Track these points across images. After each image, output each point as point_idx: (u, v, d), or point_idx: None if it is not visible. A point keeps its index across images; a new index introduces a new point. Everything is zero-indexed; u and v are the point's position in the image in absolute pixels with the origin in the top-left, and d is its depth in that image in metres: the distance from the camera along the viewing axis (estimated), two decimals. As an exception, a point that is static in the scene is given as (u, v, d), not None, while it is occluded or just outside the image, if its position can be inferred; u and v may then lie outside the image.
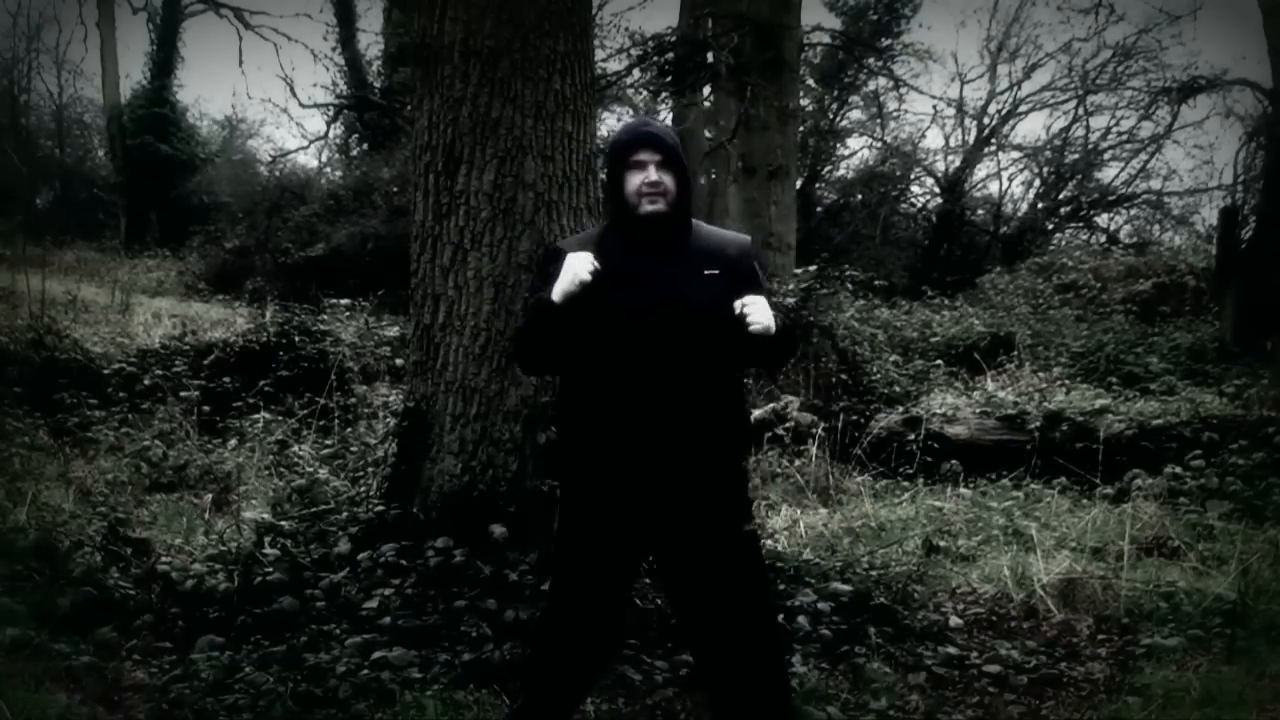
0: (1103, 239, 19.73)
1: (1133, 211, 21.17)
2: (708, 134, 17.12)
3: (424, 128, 4.56)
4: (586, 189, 4.58)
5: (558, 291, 2.86)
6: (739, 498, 3.02)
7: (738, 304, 2.86)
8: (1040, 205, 20.60)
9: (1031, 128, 49.29)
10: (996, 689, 3.91)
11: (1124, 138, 20.06)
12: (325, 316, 10.35)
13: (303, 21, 38.46)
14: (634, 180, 2.93)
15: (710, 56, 13.76)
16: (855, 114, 21.99)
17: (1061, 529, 5.79)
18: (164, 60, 24.45)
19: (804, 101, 17.14)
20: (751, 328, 2.84)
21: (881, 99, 21.19)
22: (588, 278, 2.84)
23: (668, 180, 2.93)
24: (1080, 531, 5.69)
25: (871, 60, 19.29)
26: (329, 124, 22.90)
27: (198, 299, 16.41)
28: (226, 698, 3.49)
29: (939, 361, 10.17)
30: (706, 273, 2.94)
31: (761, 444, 7.18)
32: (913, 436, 7.46)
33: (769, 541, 5.24)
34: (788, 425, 7.39)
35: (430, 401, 4.49)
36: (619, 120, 19.81)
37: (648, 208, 2.92)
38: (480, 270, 4.41)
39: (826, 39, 17.96)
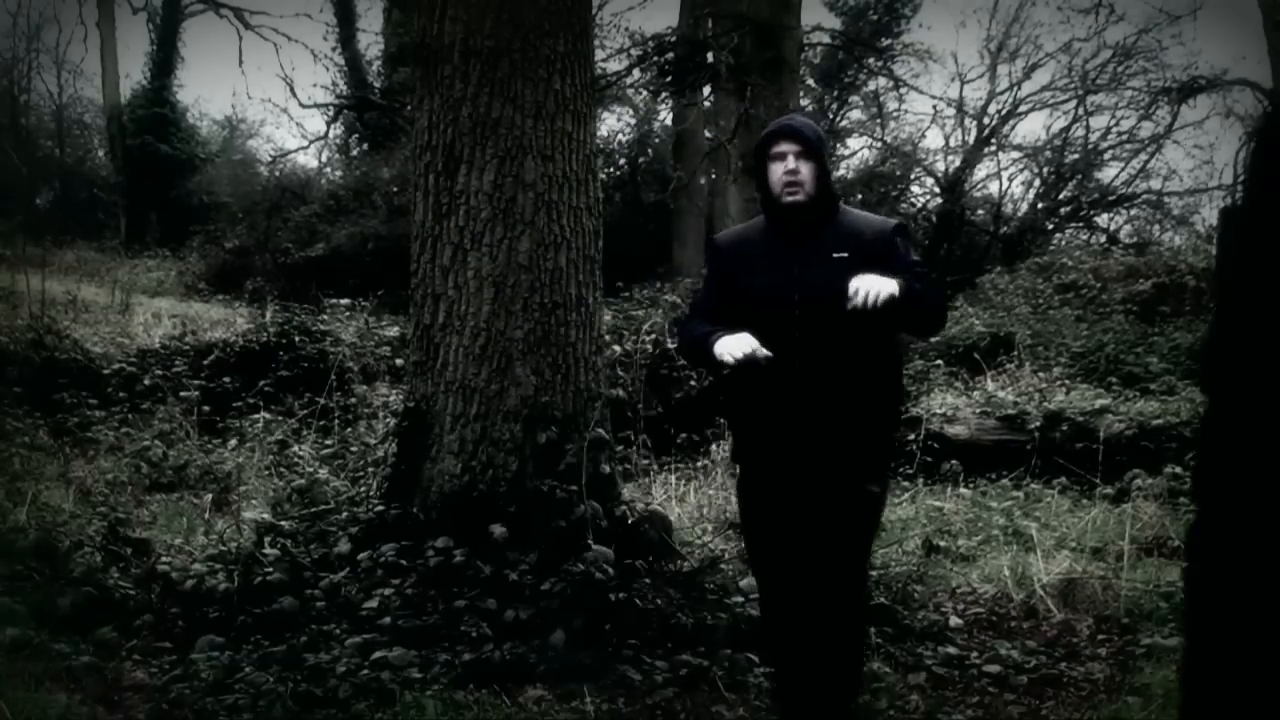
0: (1103, 239, 19.67)
1: (1133, 211, 21.11)
2: (708, 134, 17.12)
3: (424, 128, 4.56)
4: (586, 189, 4.58)
5: (719, 350, 3.03)
6: (876, 461, 3.17)
7: (851, 285, 2.93)
8: (1040, 205, 20.54)
9: (1031, 128, 49.30)
10: (996, 689, 3.91)
11: (1124, 138, 19.98)
12: (325, 316, 10.35)
13: (303, 21, 38.27)
14: (776, 171, 3.14)
15: (710, 56, 13.77)
16: (855, 114, 21.95)
17: (1061, 529, 5.78)
18: (164, 60, 24.46)
19: (804, 101, 17.10)
20: (849, 304, 2.92)
21: (881, 99, 21.14)
22: (732, 359, 2.99)
23: (805, 170, 3.11)
24: (1080, 531, 5.68)
25: (871, 60, 19.26)
26: (329, 124, 22.88)
27: (198, 299, 16.42)
28: (226, 698, 3.49)
29: (939, 361, 10.13)
30: (835, 256, 3.07)
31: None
32: (913, 436, 7.45)
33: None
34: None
35: (430, 401, 4.49)
36: (619, 120, 19.82)
37: (787, 199, 3.13)
38: (480, 270, 4.41)
39: (826, 39, 17.96)
